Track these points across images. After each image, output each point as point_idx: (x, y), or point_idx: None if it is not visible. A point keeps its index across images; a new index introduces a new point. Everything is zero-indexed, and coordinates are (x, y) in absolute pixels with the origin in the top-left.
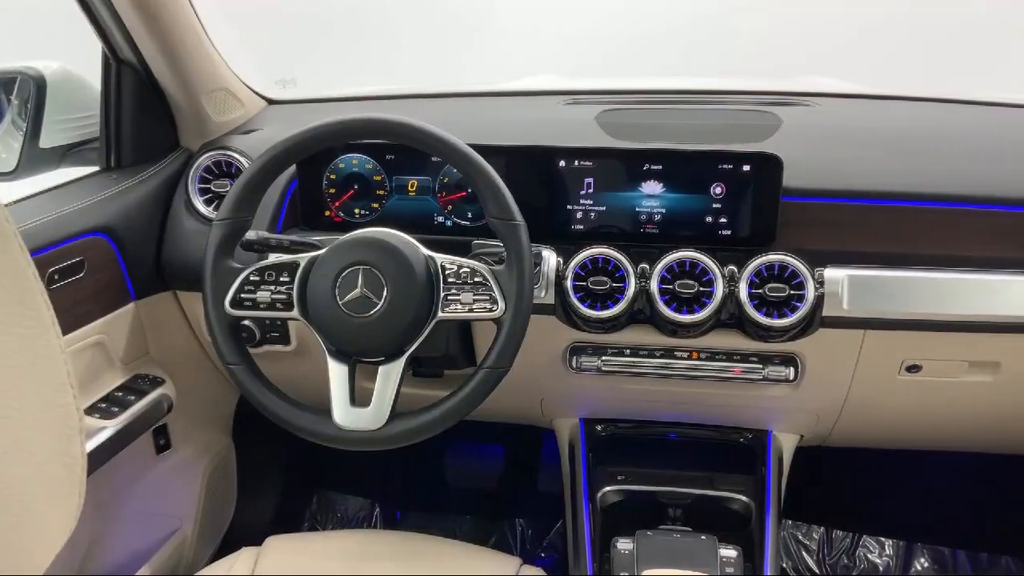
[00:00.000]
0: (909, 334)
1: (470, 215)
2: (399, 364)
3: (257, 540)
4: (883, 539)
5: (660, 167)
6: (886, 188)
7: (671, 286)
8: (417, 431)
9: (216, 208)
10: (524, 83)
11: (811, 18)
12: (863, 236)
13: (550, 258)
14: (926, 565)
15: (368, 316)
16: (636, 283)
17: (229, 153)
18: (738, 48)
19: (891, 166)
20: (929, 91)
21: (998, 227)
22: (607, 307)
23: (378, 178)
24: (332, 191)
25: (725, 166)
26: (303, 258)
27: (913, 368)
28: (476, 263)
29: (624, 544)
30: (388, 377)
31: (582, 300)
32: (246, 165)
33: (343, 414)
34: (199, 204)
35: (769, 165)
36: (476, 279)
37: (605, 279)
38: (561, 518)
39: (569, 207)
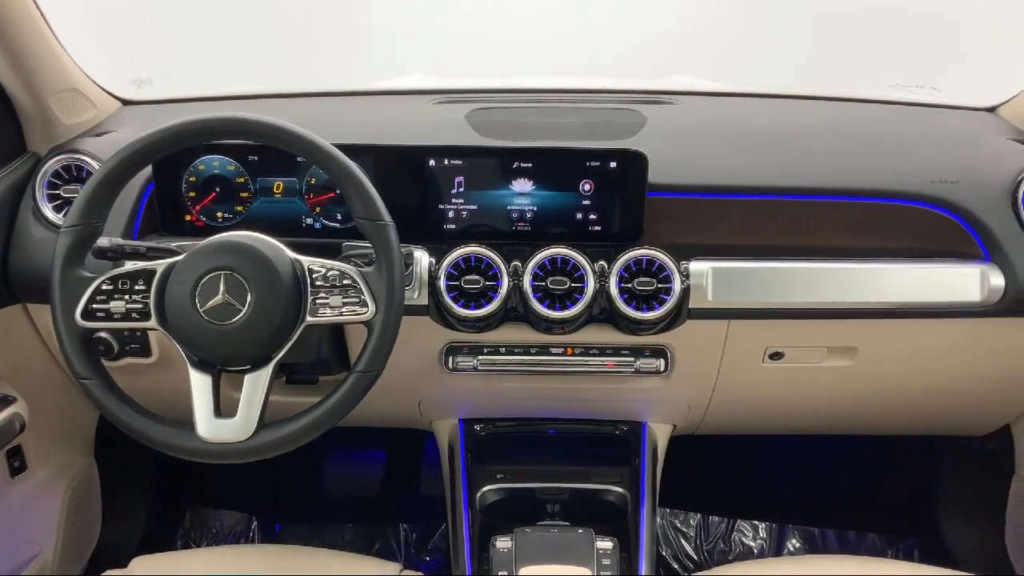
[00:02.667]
0: (771, 323)
1: (340, 217)
2: (266, 372)
3: (125, 562)
4: (756, 522)
5: (530, 165)
6: (747, 182)
7: (543, 283)
8: (286, 440)
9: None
10: (394, 82)
11: (675, 19)
12: (726, 229)
13: (422, 258)
14: (797, 546)
15: (231, 323)
16: (509, 281)
17: (79, 156)
18: (605, 49)
19: (751, 161)
20: (788, 88)
21: (852, 218)
22: (481, 306)
23: (241, 180)
24: (192, 194)
25: (592, 163)
26: (160, 265)
27: (776, 355)
28: (344, 265)
29: (503, 543)
30: (255, 386)
31: (456, 300)
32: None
33: (207, 426)
34: (47, 211)
35: (634, 162)
36: (345, 282)
37: (478, 278)
38: (445, 521)
39: (440, 206)
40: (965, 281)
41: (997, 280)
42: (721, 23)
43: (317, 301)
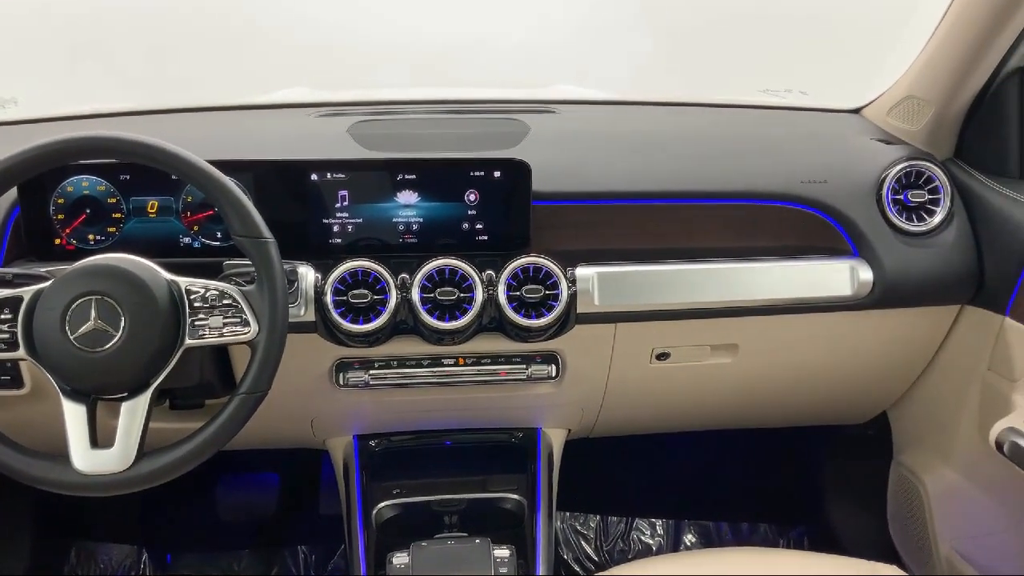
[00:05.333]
0: (657, 324)
1: (219, 235)
2: (144, 399)
3: None
4: (654, 520)
5: (414, 177)
6: (628, 188)
7: (432, 294)
8: (168, 469)
9: None
10: (275, 96)
11: (556, 30)
12: (611, 235)
13: (308, 274)
14: (693, 540)
15: (104, 350)
16: (397, 294)
17: None
18: (487, 60)
19: (632, 167)
20: (665, 96)
21: (729, 219)
22: (370, 320)
23: (112, 200)
24: (61, 217)
25: (477, 173)
26: (27, 292)
27: (662, 356)
28: (224, 284)
29: (399, 559)
30: (133, 414)
31: (344, 315)
32: None
33: (83, 458)
34: None
35: (518, 171)
36: (225, 301)
37: (366, 292)
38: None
39: (325, 221)
40: (836, 277)
41: (866, 274)
42: (601, 34)
43: (196, 323)
